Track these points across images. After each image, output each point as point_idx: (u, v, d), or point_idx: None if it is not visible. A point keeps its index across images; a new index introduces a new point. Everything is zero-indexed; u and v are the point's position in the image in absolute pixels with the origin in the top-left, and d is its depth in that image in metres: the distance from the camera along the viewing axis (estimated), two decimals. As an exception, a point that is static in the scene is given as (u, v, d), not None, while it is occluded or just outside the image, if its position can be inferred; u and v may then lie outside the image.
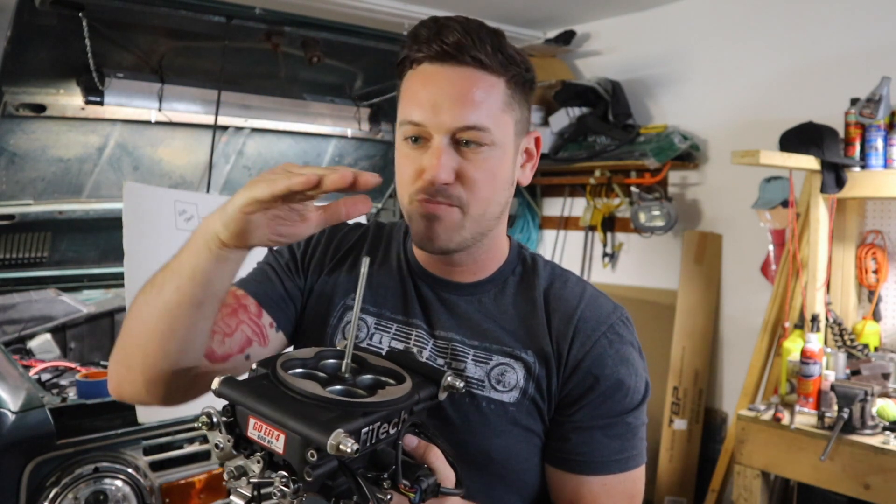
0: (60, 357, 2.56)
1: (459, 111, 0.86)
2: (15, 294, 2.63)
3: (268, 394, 0.70)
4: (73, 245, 2.76)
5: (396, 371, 0.79)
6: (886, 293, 2.63)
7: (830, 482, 2.20)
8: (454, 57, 0.87)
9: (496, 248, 0.99)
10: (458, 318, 0.96)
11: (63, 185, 2.58)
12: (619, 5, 3.36)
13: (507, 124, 0.91)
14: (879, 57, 2.60)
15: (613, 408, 0.91)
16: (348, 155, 3.23)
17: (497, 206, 0.93)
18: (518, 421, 0.91)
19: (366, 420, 0.68)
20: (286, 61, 2.68)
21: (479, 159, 0.88)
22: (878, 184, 2.45)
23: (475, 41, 0.87)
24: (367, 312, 0.99)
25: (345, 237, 1.07)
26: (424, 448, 0.76)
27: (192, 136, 2.76)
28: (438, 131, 0.87)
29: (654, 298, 3.38)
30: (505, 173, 0.92)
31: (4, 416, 1.75)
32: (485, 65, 0.87)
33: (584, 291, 0.97)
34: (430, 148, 0.88)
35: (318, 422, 0.65)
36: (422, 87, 0.88)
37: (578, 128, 3.47)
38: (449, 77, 0.87)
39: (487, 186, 0.90)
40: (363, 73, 2.94)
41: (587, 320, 0.93)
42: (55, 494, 1.77)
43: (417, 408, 0.77)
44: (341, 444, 0.62)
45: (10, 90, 2.23)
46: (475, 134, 0.87)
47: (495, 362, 0.93)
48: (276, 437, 0.67)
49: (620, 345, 0.93)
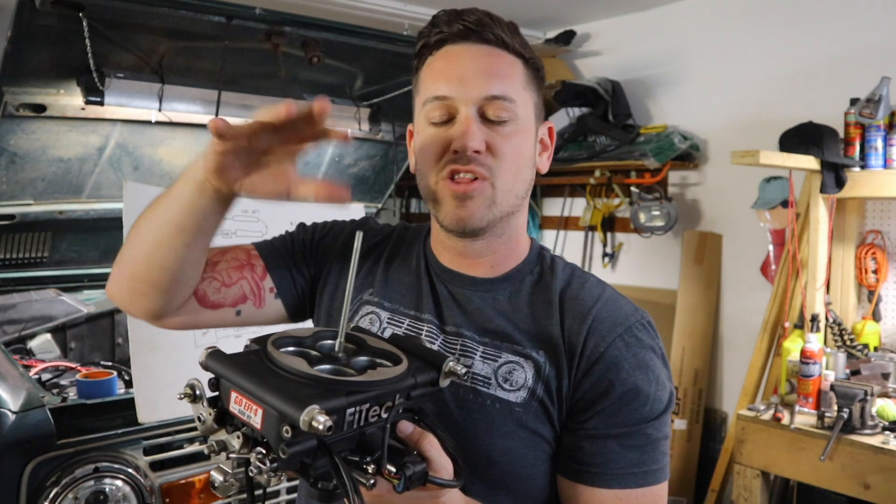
0: (60, 357, 2.56)
1: (486, 82, 0.87)
2: (15, 294, 2.63)
3: (253, 369, 0.69)
4: (74, 245, 2.75)
5: (394, 354, 0.76)
6: (886, 293, 2.63)
7: (830, 482, 2.20)
8: (477, 33, 0.89)
9: (516, 243, 0.97)
10: (470, 314, 0.94)
11: (63, 185, 2.58)
12: (619, 5, 3.36)
13: (528, 103, 0.92)
14: (879, 57, 2.60)
15: (631, 416, 0.85)
16: (348, 155, 3.23)
17: (523, 184, 0.92)
18: (524, 423, 0.87)
19: (349, 399, 0.66)
20: (286, 61, 2.67)
21: (505, 132, 0.88)
22: (878, 184, 2.45)
23: (495, 22, 0.90)
24: (381, 307, 0.98)
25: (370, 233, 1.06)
26: (419, 435, 0.73)
27: (193, 136, 2.76)
28: (466, 103, 0.87)
29: (654, 298, 3.38)
30: (528, 150, 0.92)
31: (4, 416, 1.75)
32: (506, 44, 0.89)
33: (602, 293, 0.93)
34: (456, 122, 0.88)
35: (295, 397, 0.63)
36: (446, 64, 0.89)
37: (578, 128, 3.47)
38: (473, 53, 0.89)
39: (515, 159, 0.90)
40: (363, 73, 2.94)
41: (602, 320, 0.89)
42: (55, 494, 1.76)
43: (415, 393, 0.74)
44: (313, 421, 0.60)
45: (11, 90, 2.23)
46: (502, 105, 0.87)
47: (504, 360, 0.89)
48: (255, 411, 0.65)
49: (639, 349, 0.88)
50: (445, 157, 0.88)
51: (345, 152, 3.21)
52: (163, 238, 0.87)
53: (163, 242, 0.87)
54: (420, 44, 0.93)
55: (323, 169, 3.21)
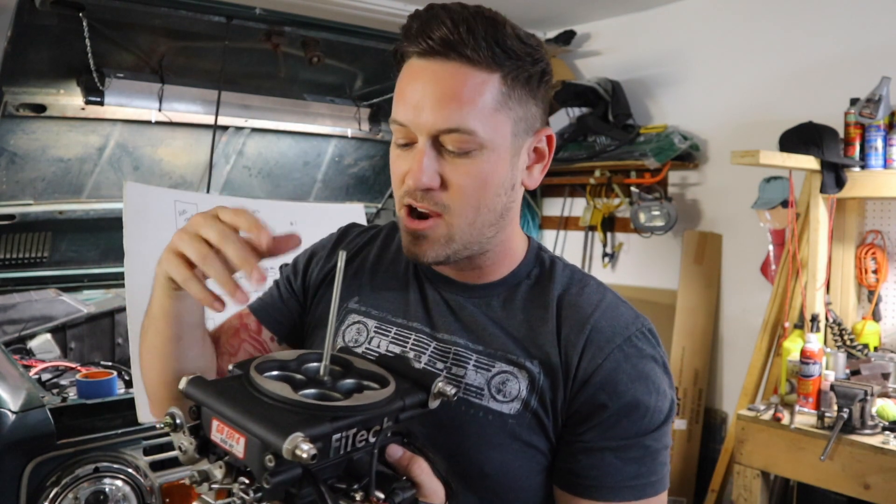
0: (60, 357, 2.56)
1: (442, 112, 0.80)
2: (15, 294, 2.63)
3: (234, 395, 0.66)
4: (74, 245, 2.75)
5: (382, 375, 0.74)
6: (886, 293, 2.63)
7: (830, 482, 2.20)
8: (440, 53, 0.81)
9: (506, 252, 0.93)
10: (463, 321, 0.91)
11: (63, 185, 2.58)
12: (619, 5, 3.36)
13: (502, 124, 0.83)
14: (879, 57, 2.60)
15: (629, 429, 0.83)
16: (348, 155, 3.23)
17: (490, 213, 0.86)
18: (518, 435, 0.84)
19: (335, 425, 0.63)
20: (286, 61, 2.68)
21: (464, 163, 0.82)
22: (878, 184, 2.45)
23: (463, 36, 0.80)
24: (369, 316, 0.96)
25: (355, 240, 1.05)
26: (409, 460, 0.71)
27: (192, 136, 2.76)
28: (421, 132, 0.82)
29: (654, 298, 3.38)
30: (499, 177, 0.85)
31: (4, 416, 1.75)
32: (474, 60, 0.80)
33: (602, 299, 0.89)
34: (414, 150, 0.83)
35: (278, 425, 0.60)
36: (407, 85, 0.83)
37: (578, 128, 3.47)
38: (434, 74, 0.81)
39: (476, 193, 0.83)
40: (363, 73, 2.94)
41: (601, 330, 0.85)
42: (55, 494, 1.77)
43: (403, 416, 0.71)
44: (297, 449, 0.57)
45: (10, 90, 2.23)
46: (459, 137, 0.81)
47: (497, 370, 0.86)
48: (237, 440, 0.63)
49: (638, 359, 0.84)
50: (404, 185, 0.85)
51: (344, 152, 3.21)
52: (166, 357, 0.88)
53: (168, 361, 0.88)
54: (393, 49, 0.88)
55: (323, 169, 3.21)
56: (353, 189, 3.38)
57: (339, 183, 3.31)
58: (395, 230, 1.04)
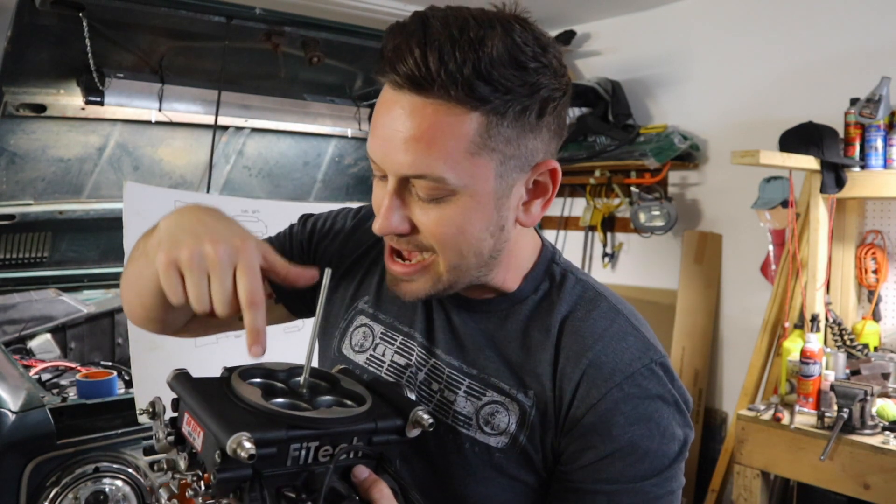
0: (60, 357, 2.57)
1: (408, 156, 0.71)
2: (15, 294, 2.63)
3: (209, 393, 0.69)
4: (74, 245, 2.76)
5: (363, 396, 0.73)
6: (886, 293, 2.63)
7: (830, 482, 2.20)
8: (416, 85, 0.69)
9: (505, 273, 0.84)
10: (461, 340, 0.85)
11: (63, 185, 2.58)
12: (619, 5, 3.36)
13: (482, 167, 0.72)
14: (879, 57, 2.60)
15: (624, 473, 0.75)
16: (348, 155, 3.23)
17: (476, 258, 0.78)
18: (504, 469, 0.80)
19: (290, 434, 0.64)
20: (286, 61, 2.68)
21: (435, 210, 0.74)
22: (878, 184, 2.45)
23: (433, 70, 0.68)
24: (376, 320, 0.92)
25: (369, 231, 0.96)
26: (371, 482, 0.67)
27: (192, 136, 2.76)
28: (389, 172, 0.74)
29: (654, 298, 3.38)
30: (480, 223, 0.75)
31: (5, 416, 1.75)
32: (446, 98, 0.69)
33: (608, 327, 0.80)
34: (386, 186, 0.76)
35: (231, 423, 0.62)
36: (379, 116, 0.74)
37: (578, 128, 3.47)
38: (403, 109, 0.71)
39: (454, 238, 0.75)
40: (363, 73, 2.94)
41: (600, 366, 0.77)
42: (55, 494, 1.77)
43: (378, 439, 0.70)
44: (238, 448, 0.59)
45: (10, 90, 2.23)
46: (426, 184, 0.72)
47: (488, 399, 0.81)
48: (199, 433, 0.66)
49: (640, 400, 0.76)
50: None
51: (344, 152, 3.21)
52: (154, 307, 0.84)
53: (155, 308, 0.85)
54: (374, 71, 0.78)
55: (323, 169, 3.21)
56: (353, 189, 3.38)
57: (339, 183, 3.31)
58: None
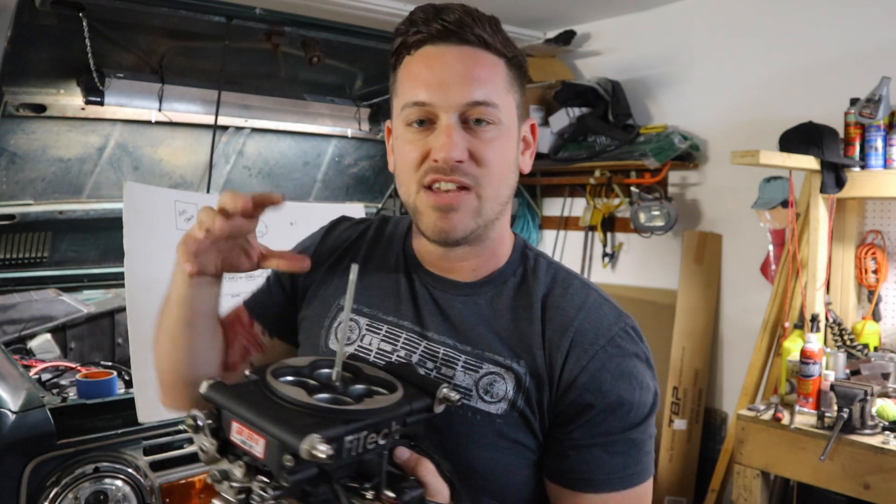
0: (60, 357, 2.56)
1: (468, 88, 0.84)
2: (15, 294, 2.63)
3: (252, 399, 0.70)
4: (74, 245, 2.76)
5: (390, 381, 0.77)
6: (886, 293, 2.63)
7: (830, 482, 2.20)
8: (457, 34, 0.85)
9: (499, 245, 0.95)
10: (452, 321, 0.92)
11: (63, 185, 2.58)
12: (619, 5, 3.36)
13: (511, 105, 0.89)
14: (879, 57, 2.60)
15: (615, 425, 0.86)
16: (348, 155, 3.23)
17: (507, 189, 0.91)
18: (506, 433, 0.87)
19: (347, 428, 0.67)
20: (286, 61, 2.68)
21: (488, 138, 0.86)
22: (878, 184, 2.45)
23: (476, 20, 0.86)
24: (360, 314, 0.97)
25: (345, 233, 1.05)
26: (416, 461, 0.74)
27: (192, 136, 2.76)
28: (447, 110, 0.85)
29: (654, 298, 3.38)
30: (511, 154, 0.91)
31: (5, 416, 1.75)
32: (487, 44, 0.87)
33: (585, 300, 0.91)
34: (436, 129, 0.85)
35: (295, 426, 0.64)
36: (426, 68, 0.86)
37: (578, 128, 3.47)
38: (454, 55, 0.86)
39: (499, 166, 0.88)
40: (363, 73, 2.94)
41: (584, 332, 0.88)
42: (55, 494, 1.77)
43: (411, 419, 0.74)
44: (314, 450, 0.61)
45: (10, 90, 2.23)
46: (484, 110, 0.85)
47: (485, 371, 0.88)
48: (257, 441, 0.67)
49: (622, 358, 0.87)
50: (425, 164, 0.86)
51: (344, 152, 3.21)
52: (178, 340, 0.93)
53: (180, 344, 0.93)
54: (398, 42, 0.90)
55: (323, 169, 3.21)
56: (353, 189, 3.38)
57: (339, 183, 3.31)
58: (385, 223, 1.06)
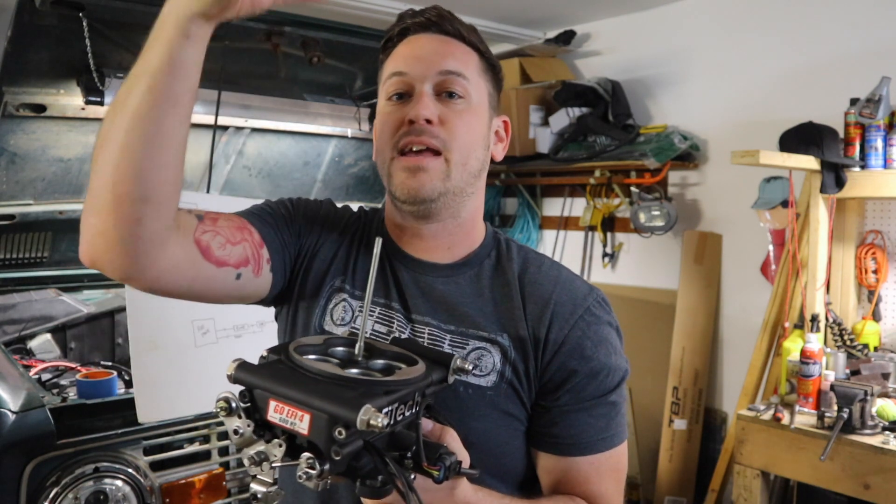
0: (60, 357, 2.56)
1: (441, 59, 0.95)
2: (15, 294, 2.63)
3: (287, 376, 0.70)
4: (74, 245, 2.75)
5: (406, 355, 0.80)
6: (886, 293, 2.63)
7: (830, 482, 2.20)
8: (437, 25, 0.98)
9: (472, 226, 1.01)
10: (435, 302, 0.97)
11: (63, 185, 2.58)
12: (619, 5, 3.36)
13: (482, 89, 0.98)
14: (879, 57, 2.60)
15: (597, 389, 0.93)
16: (348, 155, 3.23)
17: (476, 162, 0.97)
18: (497, 405, 0.92)
19: (388, 398, 0.68)
20: (286, 61, 2.67)
21: (458, 109, 0.95)
22: (878, 184, 2.45)
23: (455, 19, 0.99)
24: (353, 297, 1.00)
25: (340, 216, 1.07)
26: (441, 430, 0.78)
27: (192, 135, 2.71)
28: (422, 81, 0.94)
29: (654, 298, 3.38)
30: (481, 130, 0.98)
31: (4, 416, 1.75)
32: (464, 36, 0.99)
33: (559, 275, 0.99)
34: (413, 98, 0.94)
35: (345, 399, 0.65)
36: (407, 48, 0.98)
37: (578, 128, 3.47)
38: (433, 39, 0.98)
39: (467, 135, 0.95)
40: (363, 73, 2.94)
41: (563, 304, 0.95)
42: (55, 494, 1.77)
43: (429, 391, 0.76)
44: (371, 420, 0.62)
45: (10, 90, 2.23)
46: (455, 80, 0.94)
47: (472, 346, 0.94)
48: (301, 417, 0.66)
49: (598, 326, 0.95)
50: (400, 131, 0.93)
51: (344, 152, 3.21)
52: (152, 126, 0.73)
53: (153, 133, 0.73)
54: (385, 39, 1.01)
55: (323, 169, 3.21)
56: (353, 189, 3.38)
57: (339, 183, 3.31)
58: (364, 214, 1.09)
